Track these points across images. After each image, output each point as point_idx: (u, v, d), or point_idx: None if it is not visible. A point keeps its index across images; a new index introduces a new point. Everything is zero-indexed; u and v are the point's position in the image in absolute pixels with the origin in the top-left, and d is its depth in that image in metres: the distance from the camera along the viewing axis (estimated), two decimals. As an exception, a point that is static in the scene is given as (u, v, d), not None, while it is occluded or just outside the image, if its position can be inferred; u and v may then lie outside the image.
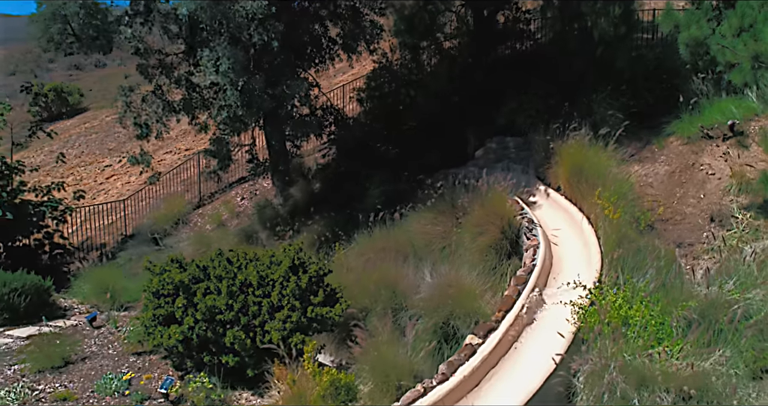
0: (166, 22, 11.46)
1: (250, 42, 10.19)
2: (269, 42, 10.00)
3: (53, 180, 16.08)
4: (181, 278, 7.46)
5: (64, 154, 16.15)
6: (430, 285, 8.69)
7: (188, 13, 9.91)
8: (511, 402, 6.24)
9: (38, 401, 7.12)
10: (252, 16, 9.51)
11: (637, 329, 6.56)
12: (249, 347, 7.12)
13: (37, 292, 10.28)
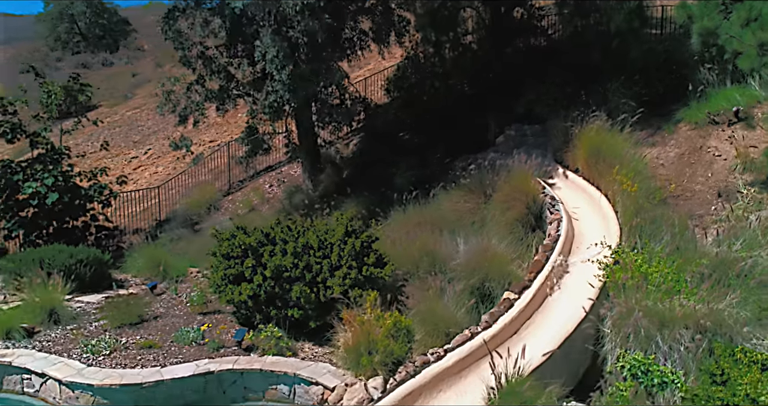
0: (212, 16, 12.37)
1: (295, 33, 11.12)
2: (315, 32, 10.95)
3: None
4: (249, 241, 8.43)
5: (108, 142, 17.08)
6: (464, 253, 9.65)
7: (242, 6, 10.84)
8: (548, 345, 7.18)
9: (126, 349, 8.07)
10: (302, 7, 10.46)
11: (657, 282, 7.52)
12: (313, 301, 8.09)
13: (98, 264, 11.24)
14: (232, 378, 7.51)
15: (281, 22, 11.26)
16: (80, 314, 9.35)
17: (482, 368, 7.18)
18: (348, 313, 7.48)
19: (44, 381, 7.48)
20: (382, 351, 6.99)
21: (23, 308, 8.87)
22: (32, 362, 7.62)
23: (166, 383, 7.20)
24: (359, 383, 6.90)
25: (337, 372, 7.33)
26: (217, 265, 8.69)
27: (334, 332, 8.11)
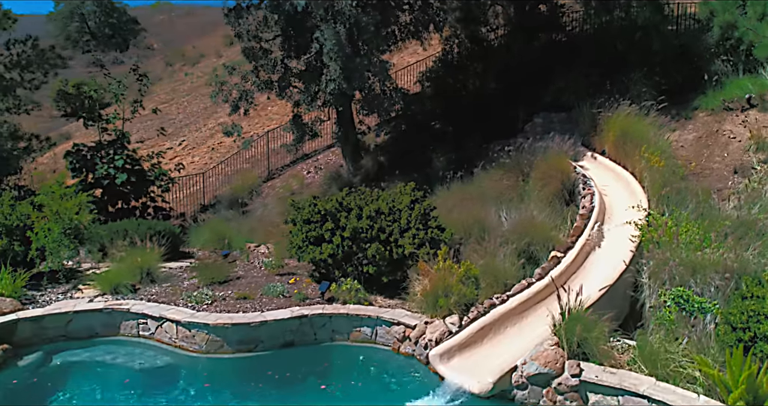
0: (270, 12, 13.64)
1: (349, 27, 12.38)
2: (366, 26, 12.23)
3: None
4: (328, 207, 9.70)
5: (164, 128, 18.30)
6: (509, 222, 10.94)
7: (304, 3, 12.11)
8: (595, 290, 8.44)
9: (224, 299, 9.33)
10: (356, 3, 11.74)
11: (687, 240, 8.79)
12: (386, 259, 9.37)
13: (172, 236, 12.48)
14: (321, 322, 8.78)
15: (336, 17, 12.52)
16: (170, 275, 10.60)
17: (539, 311, 8.49)
18: (423, 264, 8.75)
19: (160, 324, 8.74)
20: (456, 294, 8.28)
21: (122, 270, 10.09)
22: (147, 309, 8.88)
23: (268, 324, 8.47)
24: (438, 320, 8.18)
25: (413, 315, 8.60)
26: (297, 230, 9.94)
27: (403, 286, 9.41)
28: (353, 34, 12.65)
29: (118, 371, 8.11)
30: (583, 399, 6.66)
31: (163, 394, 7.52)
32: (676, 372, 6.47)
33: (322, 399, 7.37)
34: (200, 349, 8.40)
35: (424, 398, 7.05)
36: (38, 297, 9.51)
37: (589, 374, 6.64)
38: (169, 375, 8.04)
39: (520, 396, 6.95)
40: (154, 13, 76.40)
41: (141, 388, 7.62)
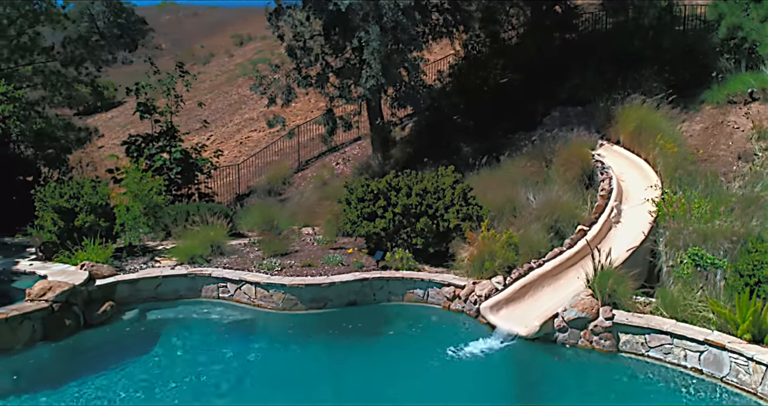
0: (312, 13, 14.96)
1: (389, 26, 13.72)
2: (405, 26, 13.57)
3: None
4: (379, 186, 11.04)
5: (207, 121, 19.62)
6: (536, 202, 12.27)
7: (349, 4, 13.43)
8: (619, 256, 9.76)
9: (291, 267, 10.66)
10: (396, 5, 13.09)
11: (698, 213, 10.13)
12: (433, 231, 10.71)
13: (226, 216, 13.79)
14: (380, 285, 10.12)
15: (377, 18, 13.86)
16: (235, 250, 11.91)
17: (570, 274, 9.85)
18: (471, 234, 10.10)
19: (239, 287, 10.06)
20: (500, 258, 9.63)
21: (195, 244, 11.39)
22: (227, 274, 10.20)
23: (336, 285, 9.80)
24: (485, 280, 9.53)
25: (461, 278, 9.94)
26: (352, 208, 11.27)
27: (447, 257, 10.76)
28: (392, 33, 13.97)
29: (208, 324, 9.43)
30: (615, 338, 8.00)
31: (250, 340, 8.84)
32: (692, 316, 7.82)
33: (390, 343, 8.71)
34: (277, 307, 9.74)
35: (479, 341, 8.38)
36: (124, 266, 10.82)
37: (620, 318, 7.98)
38: (253, 326, 9.37)
39: (561, 338, 8.29)
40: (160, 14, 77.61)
41: (231, 336, 8.94)
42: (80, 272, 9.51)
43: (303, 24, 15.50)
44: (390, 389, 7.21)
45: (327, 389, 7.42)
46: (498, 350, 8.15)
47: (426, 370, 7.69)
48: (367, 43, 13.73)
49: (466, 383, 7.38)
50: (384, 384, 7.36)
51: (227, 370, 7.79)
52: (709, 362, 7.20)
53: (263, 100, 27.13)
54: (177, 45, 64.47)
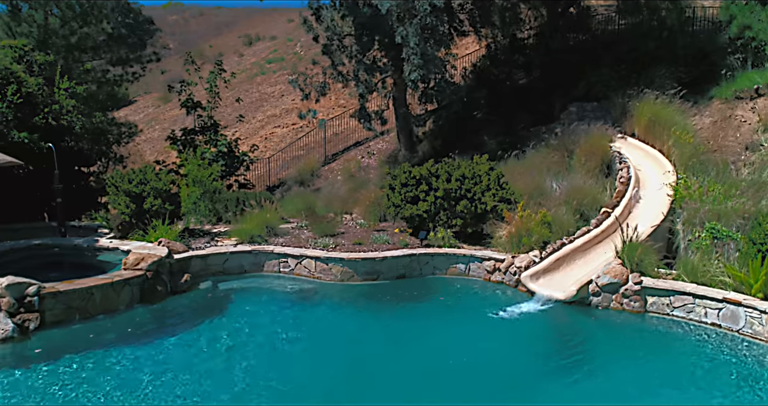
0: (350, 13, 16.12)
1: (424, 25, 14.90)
2: (437, 25, 14.76)
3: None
4: (422, 172, 12.23)
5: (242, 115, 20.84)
6: (560, 188, 13.46)
7: (389, 6, 14.61)
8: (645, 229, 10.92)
9: (343, 245, 11.83)
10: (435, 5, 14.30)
11: (712, 196, 11.32)
12: (471, 213, 11.89)
13: (270, 201, 14.98)
14: (425, 260, 11.31)
15: (411, 18, 15.05)
16: (286, 231, 13.08)
17: (597, 250, 11.04)
18: (509, 213, 11.29)
19: (299, 261, 11.24)
20: (536, 234, 10.81)
21: (252, 226, 12.55)
22: (288, 250, 11.38)
23: (387, 260, 10.99)
24: (523, 254, 10.72)
25: (499, 254, 11.12)
26: (395, 193, 12.43)
27: (483, 236, 11.94)
28: (423, 32, 15.16)
29: (275, 292, 10.61)
30: (643, 300, 9.20)
31: (315, 304, 10.03)
32: (711, 280, 9.01)
33: (442, 306, 9.91)
34: (335, 278, 10.92)
35: (522, 304, 9.58)
36: (189, 245, 11.97)
37: (648, 283, 9.19)
38: (316, 293, 10.52)
39: (595, 301, 9.48)
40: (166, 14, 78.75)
41: (297, 300, 10.13)
42: (159, 247, 10.67)
43: (337, 25, 16.64)
44: (451, 340, 8.39)
45: (392, 341, 8.58)
46: (539, 312, 9.34)
47: (479, 326, 8.88)
48: (406, 41, 14.89)
49: (516, 336, 8.57)
50: (444, 337, 8.54)
51: (297, 325, 9.00)
52: (727, 317, 8.40)
53: (284, 98, 28.43)
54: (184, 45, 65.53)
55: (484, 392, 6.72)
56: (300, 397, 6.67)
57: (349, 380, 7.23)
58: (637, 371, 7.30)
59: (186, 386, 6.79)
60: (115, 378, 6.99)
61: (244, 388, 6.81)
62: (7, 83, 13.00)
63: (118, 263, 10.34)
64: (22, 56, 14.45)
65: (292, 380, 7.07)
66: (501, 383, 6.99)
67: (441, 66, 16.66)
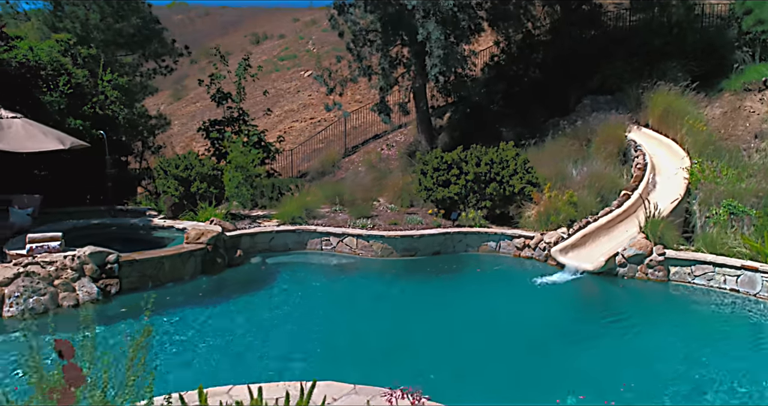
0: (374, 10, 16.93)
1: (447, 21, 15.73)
2: (459, 22, 15.59)
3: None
4: (453, 157, 13.06)
5: (270, 109, 21.66)
6: (580, 174, 14.29)
7: (415, 3, 15.45)
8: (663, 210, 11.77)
9: (379, 225, 12.65)
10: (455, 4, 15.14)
11: (726, 178, 12.17)
12: (500, 195, 12.73)
13: (298, 188, 15.80)
14: (459, 238, 12.15)
15: (437, 15, 15.88)
16: (323, 214, 13.90)
17: (620, 228, 11.87)
18: (537, 195, 12.14)
19: (341, 239, 12.07)
20: (563, 213, 11.65)
21: (292, 208, 13.38)
22: (331, 229, 12.21)
23: (424, 237, 11.83)
24: (552, 231, 11.55)
25: (528, 232, 11.96)
26: (427, 177, 13.26)
27: (510, 217, 12.77)
28: (446, 28, 16.00)
29: (321, 266, 11.45)
30: (666, 270, 10.04)
31: (358, 275, 10.87)
32: (728, 252, 9.86)
33: (480, 277, 10.74)
34: (375, 254, 11.75)
35: (553, 275, 10.43)
36: (235, 225, 12.79)
37: (671, 254, 10.03)
38: (359, 266, 11.36)
39: (622, 271, 10.32)
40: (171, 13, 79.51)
41: (342, 272, 10.96)
42: (212, 225, 11.49)
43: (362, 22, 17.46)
44: (494, 302, 9.24)
45: (438, 303, 9.40)
46: (571, 281, 10.19)
47: (517, 291, 9.73)
48: (429, 37, 15.73)
49: (553, 299, 9.42)
50: (487, 300, 9.39)
51: (347, 290, 9.90)
52: (745, 282, 9.25)
53: (300, 94, 29.24)
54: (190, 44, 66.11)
55: (536, 341, 7.55)
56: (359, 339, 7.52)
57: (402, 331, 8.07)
58: (667, 328, 8.15)
59: (256, 335, 7.67)
60: (190, 329, 7.82)
61: (300, 335, 7.68)
62: (58, 74, 13.80)
63: (174, 239, 11.19)
64: (67, 50, 15.25)
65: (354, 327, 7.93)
66: (547, 334, 7.83)
67: (462, 61, 17.49)
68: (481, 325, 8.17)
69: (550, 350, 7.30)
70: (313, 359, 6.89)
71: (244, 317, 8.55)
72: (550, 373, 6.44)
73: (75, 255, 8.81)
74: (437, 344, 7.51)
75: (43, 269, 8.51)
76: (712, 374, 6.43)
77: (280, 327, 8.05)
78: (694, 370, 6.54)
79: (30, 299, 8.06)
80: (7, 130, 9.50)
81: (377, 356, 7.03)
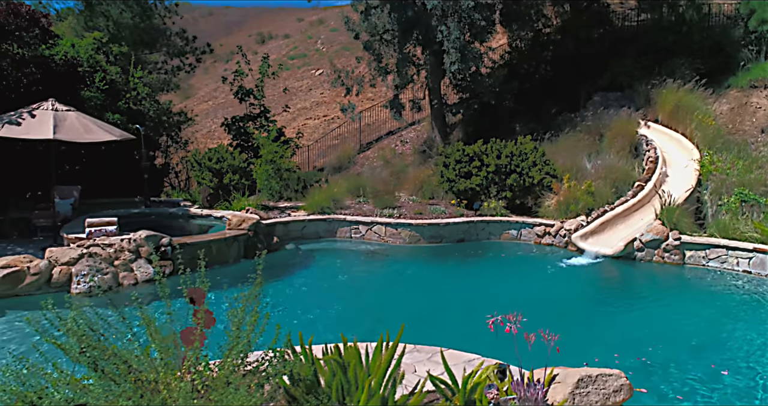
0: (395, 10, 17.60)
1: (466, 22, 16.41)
2: (479, 20, 16.28)
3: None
4: (474, 150, 13.73)
5: (288, 105, 22.31)
6: (595, 167, 14.97)
7: (435, 3, 16.12)
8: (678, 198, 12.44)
9: (405, 215, 13.32)
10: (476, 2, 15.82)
11: (736, 169, 12.85)
12: (520, 186, 13.40)
13: (326, 181, 16.46)
14: (482, 226, 12.82)
15: (454, 15, 16.56)
16: (349, 205, 14.57)
17: (635, 216, 12.55)
18: (557, 184, 12.81)
19: (370, 228, 12.73)
20: (582, 201, 12.33)
21: (320, 199, 14.03)
22: (360, 218, 12.86)
23: (450, 225, 12.50)
24: (571, 219, 12.22)
25: (548, 220, 12.63)
26: (449, 169, 13.93)
27: (528, 208, 13.44)
28: (465, 26, 16.68)
29: (351, 252, 12.11)
30: (682, 254, 10.72)
31: (389, 259, 11.53)
32: (741, 236, 10.53)
33: (505, 260, 11.41)
34: (404, 242, 12.42)
35: (574, 259, 11.10)
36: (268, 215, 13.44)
37: (686, 238, 10.72)
38: (390, 252, 12.02)
39: (639, 256, 11.00)
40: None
41: (372, 257, 11.62)
42: (249, 214, 12.15)
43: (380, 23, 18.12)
44: (519, 282, 9.92)
45: (468, 282, 10.07)
46: (592, 264, 10.87)
47: (541, 274, 10.41)
48: (447, 36, 16.40)
49: (577, 279, 10.10)
50: (513, 280, 10.08)
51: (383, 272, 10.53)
52: (756, 264, 9.92)
53: (312, 92, 29.89)
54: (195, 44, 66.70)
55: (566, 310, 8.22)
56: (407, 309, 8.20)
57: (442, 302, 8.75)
58: (686, 302, 8.83)
59: (299, 307, 8.37)
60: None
61: (352, 308, 8.36)
62: (94, 71, 14.45)
63: (212, 226, 11.84)
64: (100, 48, 15.90)
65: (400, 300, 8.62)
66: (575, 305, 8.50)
67: (478, 58, 18.16)
68: (516, 297, 8.84)
69: (580, 317, 7.97)
70: (372, 326, 7.55)
71: (299, 292, 9.22)
72: (582, 335, 7.09)
73: (131, 238, 9.46)
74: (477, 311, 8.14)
75: (104, 250, 9.15)
76: (729, 336, 7.11)
77: (335, 302, 8.71)
78: (713, 334, 7.23)
79: (95, 277, 8.71)
80: (64, 122, 10.14)
81: (428, 322, 7.71)
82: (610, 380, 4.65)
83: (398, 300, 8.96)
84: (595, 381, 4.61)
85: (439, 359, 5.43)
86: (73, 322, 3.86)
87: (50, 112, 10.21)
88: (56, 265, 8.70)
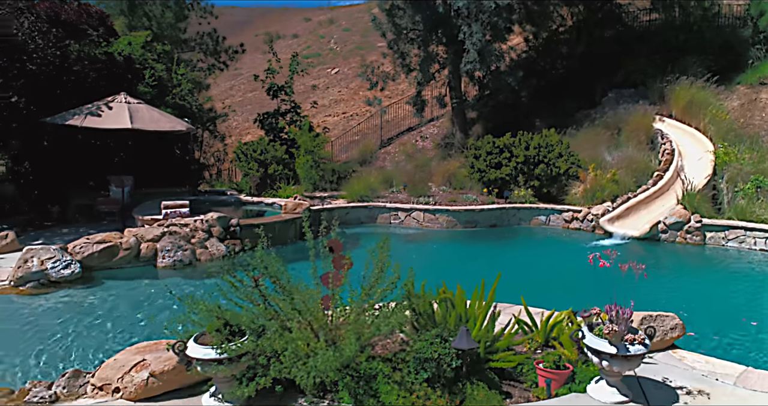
0: (419, 11, 18.59)
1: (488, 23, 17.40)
2: (498, 21, 17.26)
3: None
4: (504, 141, 14.71)
5: (316, 102, 23.25)
6: (614, 159, 15.96)
7: (461, 4, 17.10)
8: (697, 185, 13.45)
9: (439, 202, 14.28)
10: (499, 4, 16.80)
11: (751, 159, 13.84)
12: (547, 175, 14.38)
13: (351, 172, 17.42)
14: (513, 212, 13.80)
15: (478, 16, 17.54)
16: (384, 195, 15.53)
17: (656, 203, 13.55)
18: (583, 173, 13.79)
19: (409, 214, 13.70)
20: (608, 189, 13.31)
21: (358, 188, 14.99)
22: (399, 204, 13.83)
23: (484, 211, 13.49)
24: (597, 205, 13.21)
25: (574, 207, 13.61)
26: (479, 161, 14.90)
27: (553, 196, 14.42)
28: (487, 27, 17.67)
29: (393, 235, 13.06)
30: (703, 235, 11.71)
31: (430, 241, 12.50)
32: (757, 219, 11.52)
33: (539, 242, 12.39)
34: (441, 227, 13.40)
35: (602, 241, 12.07)
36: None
37: (706, 221, 11.70)
38: (429, 236, 13.00)
39: (663, 237, 11.99)
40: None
41: (414, 240, 12.59)
42: (297, 200, 13.11)
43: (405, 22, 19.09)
44: (557, 258, 10.88)
45: (509, 259, 11.03)
46: (619, 245, 11.84)
47: (574, 252, 11.39)
48: (470, 35, 17.38)
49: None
50: (552, 257, 11.04)
51: (428, 251, 11.49)
52: (772, 243, 10.93)
53: (330, 90, 30.87)
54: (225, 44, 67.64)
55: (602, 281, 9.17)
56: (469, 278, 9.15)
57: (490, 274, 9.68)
58: (709, 274, 9.83)
59: None
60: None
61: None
62: (144, 68, 15.41)
63: (264, 211, 12.79)
64: (144, 46, 16.85)
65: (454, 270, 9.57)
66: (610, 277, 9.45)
67: (499, 57, 19.14)
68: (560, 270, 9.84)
69: (616, 286, 8.94)
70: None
71: (360, 262, 10.16)
72: (626, 298, 8.06)
73: (204, 219, 10.42)
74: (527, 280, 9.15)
75: (181, 229, 10.11)
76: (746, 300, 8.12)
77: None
78: (741, 299, 8.23)
79: (177, 252, 9.67)
80: (137, 113, 11.10)
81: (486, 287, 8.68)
82: (667, 320, 5.64)
83: (450, 271, 9.91)
84: (656, 319, 5.59)
85: (513, 311, 6.40)
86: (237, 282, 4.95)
87: (124, 104, 11.17)
88: (142, 241, 9.65)
